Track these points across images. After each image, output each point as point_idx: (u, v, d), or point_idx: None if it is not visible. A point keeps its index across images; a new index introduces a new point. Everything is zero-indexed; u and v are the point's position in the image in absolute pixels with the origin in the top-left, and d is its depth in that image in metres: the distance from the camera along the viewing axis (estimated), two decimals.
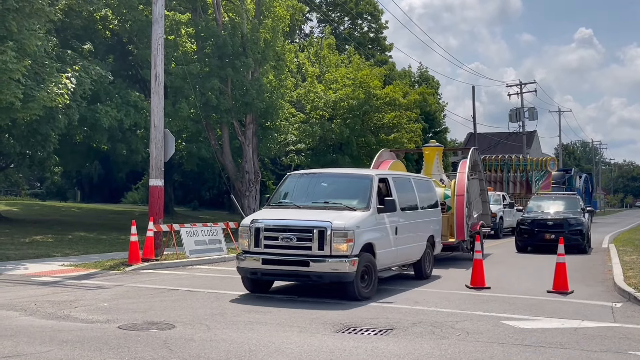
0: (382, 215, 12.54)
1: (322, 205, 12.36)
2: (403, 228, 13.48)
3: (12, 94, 17.59)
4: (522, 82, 60.18)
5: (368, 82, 37.24)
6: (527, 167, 39.35)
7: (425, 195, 15.42)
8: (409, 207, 14.20)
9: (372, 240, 12.04)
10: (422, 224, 14.77)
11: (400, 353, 7.87)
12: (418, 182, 15.43)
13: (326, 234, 11.24)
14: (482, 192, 22.09)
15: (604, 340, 8.82)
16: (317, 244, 11.26)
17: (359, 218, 11.80)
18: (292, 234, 11.45)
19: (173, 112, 27.18)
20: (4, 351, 7.52)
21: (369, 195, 12.44)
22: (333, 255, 11.26)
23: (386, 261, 12.86)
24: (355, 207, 12.17)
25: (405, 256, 13.99)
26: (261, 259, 11.64)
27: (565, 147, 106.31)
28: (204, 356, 7.51)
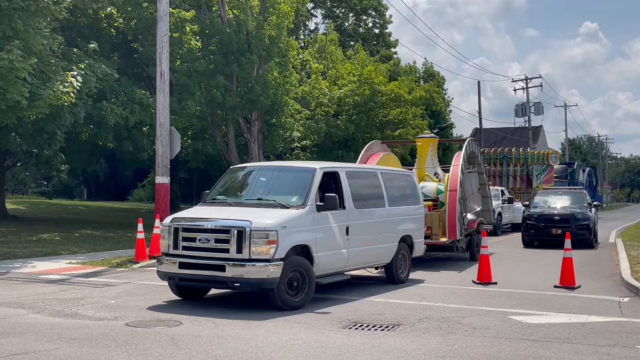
0: (324, 214, 11.14)
1: (255, 203, 11.14)
2: (359, 228, 12.09)
3: (18, 92, 17.64)
4: (527, 77, 60.06)
5: (373, 78, 37.19)
6: (527, 160, 37.76)
7: (399, 190, 14.10)
8: (372, 204, 12.79)
9: (307, 242, 10.68)
10: (391, 223, 13.28)
11: (407, 349, 7.87)
12: (389, 177, 13.95)
13: (245, 234, 9.96)
14: (482, 186, 20.97)
15: (611, 335, 8.81)
16: (236, 246, 9.99)
17: (287, 217, 10.48)
18: (210, 235, 10.24)
19: (179, 110, 27.21)
20: (13, 349, 7.56)
21: (307, 191, 11.03)
22: (253, 259, 9.95)
23: (331, 265, 11.40)
24: (290, 205, 10.87)
25: (364, 259, 12.55)
26: (178, 262, 10.45)
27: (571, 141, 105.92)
28: (212, 353, 7.53)
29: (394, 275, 13.42)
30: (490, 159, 36.59)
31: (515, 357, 7.53)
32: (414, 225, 14.22)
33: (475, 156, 20.27)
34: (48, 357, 7.23)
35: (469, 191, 18.57)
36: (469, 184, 18.61)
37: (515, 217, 31.54)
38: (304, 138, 36.87)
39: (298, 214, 10.71)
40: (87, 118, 24.62)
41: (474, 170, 19.74)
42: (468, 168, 18.84)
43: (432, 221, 16.53)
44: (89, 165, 41.93)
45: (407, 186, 14.54)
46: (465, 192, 18.04)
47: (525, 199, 35.35)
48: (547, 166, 38.95)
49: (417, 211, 14.57)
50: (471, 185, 19.01)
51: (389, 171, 14.59)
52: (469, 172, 18.87)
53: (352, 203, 11.96)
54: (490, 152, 37.32)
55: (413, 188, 14.68)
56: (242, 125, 30.77)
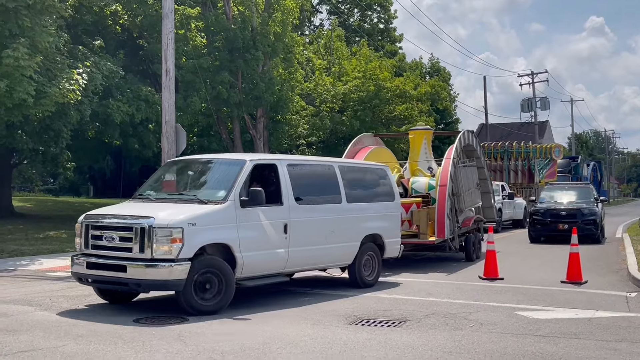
0: (252, 210, 10.21)
1: (177, 198, 10.54)
2: (303, 225, 11.08)
3: (24, 90, 17.69)
4: (533, 71, 59.88)
5: (378, 74, 37.15)
6: (529, 154, 36.64)
7: (367, 186, 13.12)
8: (324, 200, 11.77)
9: (226, 240, 9.84)
10: (351, 221, 12.13)
11: (413, 344, 7.87)
12: (352, 171, 12.93)
13: (147, 232, 9.25)
14: (483, 181, 19.66)
15: (618, 330, 8.79)
16: (139, 244, 9.28)
17: (198, 213, 9.67)
18: (115, 233, 9.55)
19: (184, 106, 27.26)
20: (21, 346, 7.58)
21: (231, 185, 10.19)
22: (155, 258, 9.22)
23: (263, 266, 10.50)
24: (210, 200, 10.07)
25: (312, 260, 11.55)
26: (85, 262, 9.80)
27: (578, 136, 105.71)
28: (218, 349, 7.55)
29: (357, 278, 12.28)
30: (491, 153, 35.82)
31: (522, 353, 7.52)
32: (385, 223, 13.01)
33: (474, 149, 18.99)
34: (55, 354, 7.26)
35: (465, 186, 17.19)
36: (464, 179, 17.28)
37: (516, 213, 30.90)
38: (310, 135, 36.88)
39: (215, 210, 9.86)
40: (93, 115, 24.67)
41: (471, 165, 18.37)
42: (464, 162, 17.64)
43: (420, 219, 15.50)
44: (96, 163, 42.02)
45: (379, 181, 13.45)
46: (460, 187, 16.82)
47: (527, 194, 34.58)
48: (550, 160, 38.07)
49: (390, 208, 13.32)
50: (467, 180, 17.59)
51: (352, 165, 13.58)
52: (465, 166, 17.51)
53: (292, 198, 10.94)
54: (490, 146, 36.54)
55: (387, 183, 13.53)
56: (247, 122, 30.79)
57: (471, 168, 18.21)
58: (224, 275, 9.70)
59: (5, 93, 17.48)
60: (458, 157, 16.92)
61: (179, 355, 7.27)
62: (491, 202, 20.28)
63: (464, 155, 17.98)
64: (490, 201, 20.24)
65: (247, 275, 10.23)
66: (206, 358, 7.18)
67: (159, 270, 9.18)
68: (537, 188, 34.77)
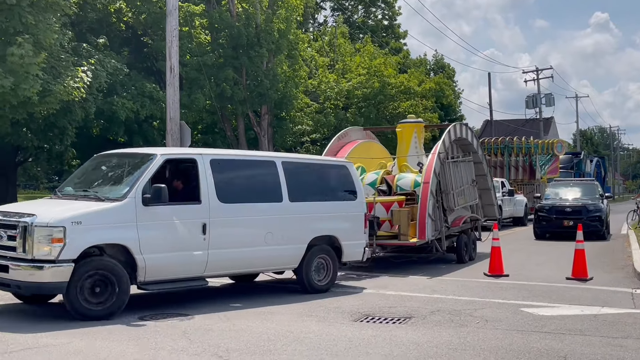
0: (157, 209, 9.41)
1: (81, 195, 9.85)
2: (228, 226, 10.24)
3: (29, 88, 17.71)
4: (538, 68, 59.74)
5: (382, 70, 37.13)
6: (530, 150, 35.33)
7: (321, 183, 12.20)
8: (258, 198, 10.90)
9: (123, 240, 9.09)
10: (294, 221, 11.17)
11: (419, 341, 7.86)
12: (299, 166, 11.89)
13: (28, 231, 8.63)
14: (482, 177, 18.32)
15: (624, 327, 8.77)
16: (22, 244, 8.66)
17: (86, 211, 9.01)
18: (3, 231, 8.95)
19: (189, 103, 27.30)
20: (25, 343, 7.60)
21: (134, 182, 9.44)
22: (36, 259, 8.57)
23: (174, 269, 9.67)
24: (109, 197, 9.39)
25: (241, 263, 10.65)
26: None
27: (582, 133, 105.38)
28: (223, 346, 7.55)
29: (305, 283, 11.36)
30: (491, 148, 34.94)
31: (528, 350, 7.51)
32: (343, 224, 11.98)
33: (468, 143, 17.47)
34: (61, 351, 7.27)
35: (455, 183, 16.07)
36: (455, 176, 16.14)
37: (517, 211, 30.14)
38: (314, 131, 36.89)
39: (109, 208, 9.16)
40: (97, 113, 24.71)
41: (466, 160, 17.15)
42: (456, 157, 16.59)
43: (401, 218, 14.39)
44: None
45: (338, 178, 12.44)
46: (449, 184, 15.69)
47: (528, 190, 34.00)
48: (552, 156, 37.00)
49: (351, 208, 12.24)
50: (459, 177, 16.45)
51: (301, 161, 12.55)
52: (456, 161, 16.37)
53: (214, 196, 10.07)
54: (490, 142, 35.77)
55: (348, 181, 12.40)
56: (251, 119, 30.81)
57: (466, 164, 17.06)
58: (117, 278, 8.99)
59: (10, 91, 17.50)
60: (446, 152, 15.78)
61: (184, 352, 7.28)
62: (492, 199, 18.99)
63: (457, 150, 16.95)
64: (491, 198, 18.91)
65: (154, 279, 9.46)
66: (211, 355, 7.18)
67: (39, 272, 8.56)
68: (539, 184, 34.18)
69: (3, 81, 17.09)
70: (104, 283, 8.93)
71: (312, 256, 11.42)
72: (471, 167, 17.42)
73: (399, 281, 13.06)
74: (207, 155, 10.45)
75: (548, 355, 7.29)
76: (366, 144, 17.66)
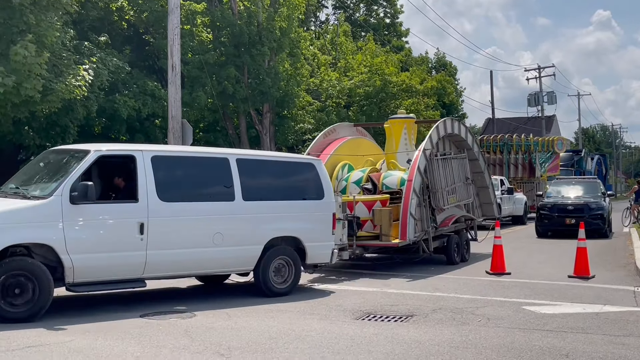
0: (87, 207, 9.04)
1: (12, 192, 9.54)
2: (169, 226, 9.77)
3: (32, 87, 17.72)
4: (540, 66, 59.73)
5: (384, 68, 37.13)
6: (529, 147, 34.54)
7: (282, 181, 11.55)
8: (205, 196, 10.44)
9: (46, 240, 8.75)
10: (248, 221, 10.62)
11: (420, 339, 7.86)
12: (256, 164, 11.35)
13: None
14: (478, 174, 17.60)
15: (626, 325, 8.76)
16: None
17: (8, 209, 8.74)
18: None
19: (190, 101, 27.31)
20: (27, 341, 7.60)
21: (62, 179, 9.09)
22: None
23: (104, 271, 9.26)
24: (35, 195, 9.09)
25: (186, 265, 10.12)
26: None
27: (584, 131, 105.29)
28: (225, 344, 7.55)
29: (262, 285, 10.79)
30: (490, 146, 34.57)
31: (530, 348, 7.50)
32: (308, 224, 11.33)
33: (462, 139, 16.81)
34: (63, 349, 7.27)
35: (445, 181, 15.37)
36: (446, 173, 15.47)
37: (516, 209, 29.67)
38: (316, 130, 36.86)
39: (32, 206, 8.83)
40: (99, 111, 24.71)
41: (459, 156, 16.46)
42: (447, 153, 15.93)
43: (382, 218, 13.73)
44: None
45: (303, 177, 11.80)
46: (437, 182, 14.98)
47: (528, 188, 33.68)
48: (553, 154, 36.45)
49: (316, 207, 11.55)
50: (451, 174, 15.75)
51: (260, 158, 11.85)
52: (445, 158, 15.62)
53: (154, 195, 9.64)
54: (489, 139, 35.39)
55: (314, 179, 11.71)
56: (253, 117, 30.82)
57: (459, 160, 16.35)
58: (37, 280, 8.62)
59: (12, 89, 17.51)
60: (435, 148, 15.18)
61: (186, 350, 7.28)
62: (490, 198, 18.16)
63: (449, 146, 16.46)
64: (489, 196, 18.13)
65: (85, 280, 9.07)
66: (213, 353, 7.18)
67: None
68: (539, 182, 33.91)
69: (5, 80, 17.10)
70: (26, 284, 8.61)
71: (270, 258, 10.86)
72: (465, 164, 16.68)
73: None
74: (149, 152, 10.00)
75: (550, 353, 7.29)
76: (355, 140, 17.02)
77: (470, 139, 17.32)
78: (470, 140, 17.31)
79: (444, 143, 16.10)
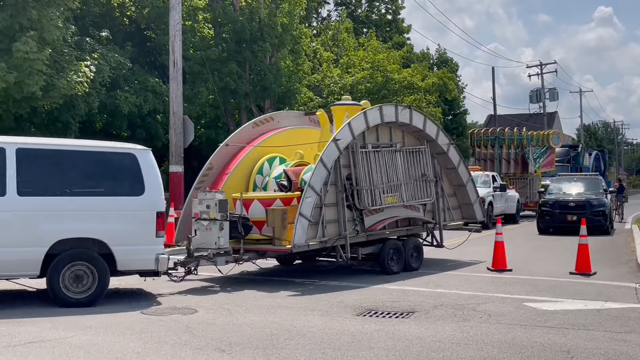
0: None
1: None
2: None
3: (34, 83, 17.73)
4: (542, 62, 59.67)
5: (386, 65, 37.10)
6: (522, 141, 32.76)
7: (72, 174, 9.87)
8: None
9: None
10: (23, 220, 9.31)
11: (422, 335, 7.85)
12: (41, 154, 9.72)
13: None
14: (452, 171, 15.31)
15: (627, 322, 8.75)
16: None
17: None
18: None
19: (192, 97, 27.33)
20: (29, 337, 7.61)
21: None
22: None
23: None
24: None
25: None
26: None
27: (586, 127, 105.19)
28: (226, 340, 7.55)
29: (51, 294, 9.49)
30: (481, 140, 32.96)
31: (531, 344, 7.50)
32: (118, 225, 9.82)
33: (419, 130, 14.35)
34: (64, 345, 7.28)
35: (380, 178, 13.20)
36: (381, 168, 13.26)
37: (509, 207, 27.92)
38: None
39: None
40: (100, 107, 24.73)
41: (407, 149, 14.05)
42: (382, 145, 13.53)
43: (275, 219, 11.81)
44: None
45: (115, 169, 10.21)
46: (363, 178, 12.82)
47: (521, 185, 32.27)
48: (548, 148, 34.75)
49: (132, 205, 10.03)
50: (393, 170, 13.55)
51: (51, 147, 10.06)
52: (380, 150, 13.34)
53: None
54: (480, 133, 33.84)
55: (133, 172, 10.17)
56: (255, 114, 30.78)
57: (406, 154, 14.01)
58: None
59: (14, 86, 17.52)
60: (355, 138, 12.78)
61: (187, 346, 7.29)
62: (469, 197, 15.65)
63: (400, 138, 14.16)
64: (467, 197, 15.62)
65: None
66: (214, 349, 7.19)
67: None
68: (532, 179, 32.61)
69: (7, 76, 17.11)
70: None
71: (62, 263, 9.44)
72: (423, 159, 14.35)
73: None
74: None
75: (551, 349, 7.28)
76: (298, 131, 14.76)
77: (432, 129, 14.70)
78: (433, 131, 14.74)
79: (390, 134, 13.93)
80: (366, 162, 13.02)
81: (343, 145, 12.54)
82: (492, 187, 26.14)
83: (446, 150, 15.02)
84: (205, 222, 11.35)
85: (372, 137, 13.53)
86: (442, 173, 15.12)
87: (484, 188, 24.90)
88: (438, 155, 14.96)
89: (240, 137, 14.06)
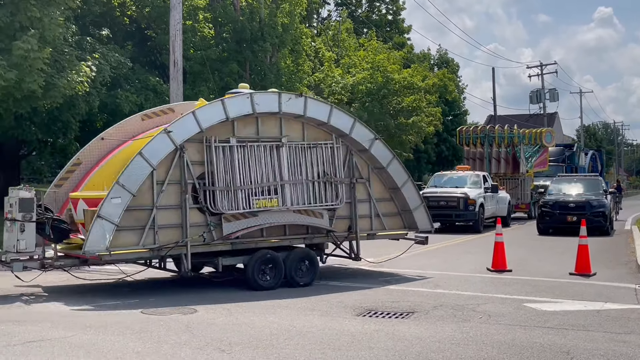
0: None
1: None
2: None
3: (34, 82, 17.73)
4: (542, 63, 59.70)
5: (386, 65, 37.12)
6: (513, 140, 31.20)
7: None
8: None
9: None
10: None
11: (421, 336, 7.86)
12: None
13: None
14: (381, 171, 13.11)
15: (627, 322, 8.76)
16: None
17: None
18: None
19: (192, 97, 27.30)
20: (29, 336, 7.62)
21: None
22: None
23: None
24: None
25: None
26: None
27: (586, 128, 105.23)
28: (226, 340, 7.56)
29: None
30: (470, 138, 31.52)
31: (531, 345, 7.50)
32: None
33: (322, 122, 12.36)
34: (64, 344, 7.28)
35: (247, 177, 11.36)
36: (251, 165, 11.44)
37: (500, 209, 26.33)
38: None
39: None
40: (101, 106, 24.73)
41: (293, 144, 12.02)
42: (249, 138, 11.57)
43: (88, 221, 10.29)
44: None
45: None
46: (219, 178, 11.09)
47: (512, 185, 31.00)
48: (540, 147, 33.39)
49: None
50: (271, 168, 11.67)
51: None
52: (245, 145, 11.42)
53: None
54: (469, 130, 32.39)
55: None
56: None
57: (301, 150, 12.10)
58: None
59: (14, 84, 17.52)
60: (204, 131, 11.03)
61: (187, 346, 7.29)
62: (408, 204, 13.39)
63: (300, 132, 12.24)
64: (405, 202, 13.37)
65: None
66: (214, 349, 7.19)
67: None
68: (524, 179, 31.35)
69: (7, 74, 17.11)
70: None
71: None
72: (329, 156, 12.43)
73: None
74: None
75: (551, 350, 7.29)
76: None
77: (346, 123, 12.62)
78: (346, 125, 12.60)
79: (280, 126, 12.00)
80: (226, 158, 11.26)
81: (182, 138, 10.77)
82: (483, 187, 24.99)
83: (368, 147, 12.85)
84: (9, 222, 10.35)
85: (249, 130, 11.64)
86: (372, 173, 13.10)
87: (475, 189, 24.39)
88: (360, 152, 12.92)
89: (125, 130, 12.33)
